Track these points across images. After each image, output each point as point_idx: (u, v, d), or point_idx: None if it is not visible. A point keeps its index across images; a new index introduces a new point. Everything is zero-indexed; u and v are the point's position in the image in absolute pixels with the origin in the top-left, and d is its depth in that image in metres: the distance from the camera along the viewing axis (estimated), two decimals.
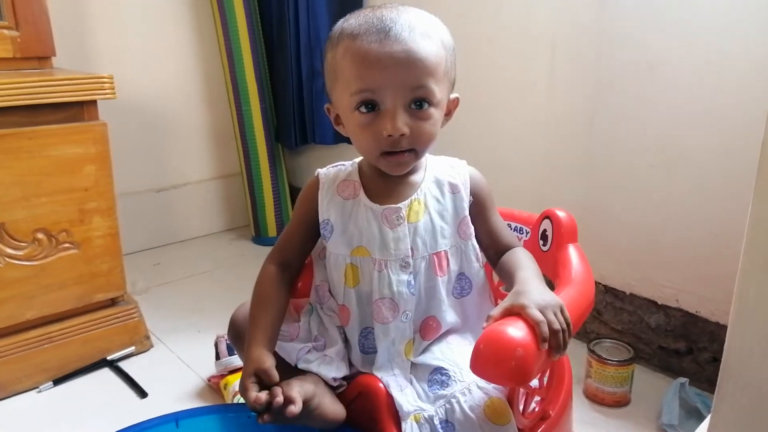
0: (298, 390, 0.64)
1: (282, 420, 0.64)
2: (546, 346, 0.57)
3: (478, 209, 0.76)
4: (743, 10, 0.95)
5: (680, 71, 1.04)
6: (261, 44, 1.75)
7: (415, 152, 0.69)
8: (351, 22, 0.68)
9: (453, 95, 0.73)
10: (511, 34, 1.27)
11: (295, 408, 0.62)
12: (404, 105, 0.66)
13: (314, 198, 0.76)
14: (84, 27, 1.58)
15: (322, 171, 0.78)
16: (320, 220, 0.75)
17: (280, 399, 0.63)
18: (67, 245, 1.12)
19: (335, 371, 0.71)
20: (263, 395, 0.63)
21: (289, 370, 0.71)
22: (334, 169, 0.78)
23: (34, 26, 1.13)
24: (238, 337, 0.77)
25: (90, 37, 1.59)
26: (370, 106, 0.67)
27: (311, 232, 0.77)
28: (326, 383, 0.70)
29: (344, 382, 0.72)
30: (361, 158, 0.77)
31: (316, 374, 0.70)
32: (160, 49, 1.72)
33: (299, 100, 1.71)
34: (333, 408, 0.68)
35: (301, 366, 0.71)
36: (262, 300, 0.74)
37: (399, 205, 0.72)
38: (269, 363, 0.67)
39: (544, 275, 0.72)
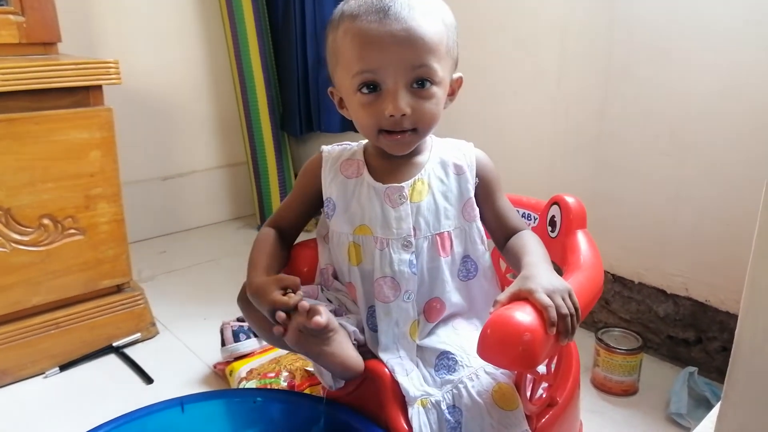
0: (324, 309, 0.63)
1: (305, 339, 0.62)
2: (554, 330, 0.57)
3: (485, 192, 0.76)
4: None
5: (693, 57, 1.02)
6: (267, 32, 1.74)
7: (417, 132, 0.69)
8: (351, 3, 0.68)
9: (456, 74, 0.72)
10: (521, 19, 1.25)
11: (322, 319, 0.60)
12: (406, 84, 0.66)
13: (316, 174, 0.76)
14: (90, 13, 1.57)
15: (326, 148, 0.78)
16: (324, 197, 0.76)
17: (305, 304, 0.61)
18: (72, 231, 1.11)
19: (356, 332, 0.71)
20: (294, 296, 0.63)
21: None
22: (339, 147, 0.78)
23: (40, 12, 1.13)
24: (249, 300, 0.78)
25: (96, 24, 1.58)
26: (372, 86, 0.66)
27: (309, 206, 0.78)
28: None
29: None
30: (367, 140, 0.77)
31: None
32: (166, 36, 1.71)
33: (305, 89, 1.70)
34: (354, 354, 0.67)
35: None
36: (262, 248, 0.75)
37: (402, 184, 0.72)
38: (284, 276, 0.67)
39: (552, 261, 0.71)
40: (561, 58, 1.20)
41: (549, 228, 0.83)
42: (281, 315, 0.62)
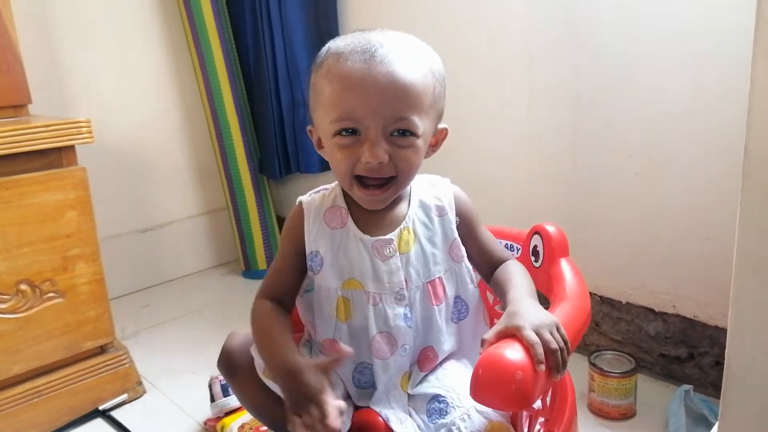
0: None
1: None
2: (542, 368, 0.56)
3: (467, 228, 0.75)
4: (715, 13, 0.95)
5: (657, 77, 1.04)
6: (239, 77, 1.75)
7: (396, 182, 0.67)
8: (338, 42, 0.67)
9: (441, 125, 0.71)
10: (488, 51, 1.28)
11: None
12: (385, 133, 0.64)
13: (300, 229, 0.73)
14: (60, 73, 1.56)
15: (305, 199, 0.75)
16: (308, 252, 0.72)
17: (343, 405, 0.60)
18: (51, 294, 1.09)
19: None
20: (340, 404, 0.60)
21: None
22: (318, 195, 0.75)
23: (9, 75, 1.12)
24: (233, 369, 0.74)
25: (66, 83, 1.58)
26: (351, 131, 0.65)
27: (301, 264, 0.73)
28: None
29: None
30: None
31: None
32: (137, 88, 1.71)
33: (281, 131, 1.71)
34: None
35: None
36: (270, 330, 0.69)
37: (389, 236, 0.70)
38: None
39: (538, 291, 0.71)
40: (529, 87, 1.22)
41: (532, 258, 0.83)
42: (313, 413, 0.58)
